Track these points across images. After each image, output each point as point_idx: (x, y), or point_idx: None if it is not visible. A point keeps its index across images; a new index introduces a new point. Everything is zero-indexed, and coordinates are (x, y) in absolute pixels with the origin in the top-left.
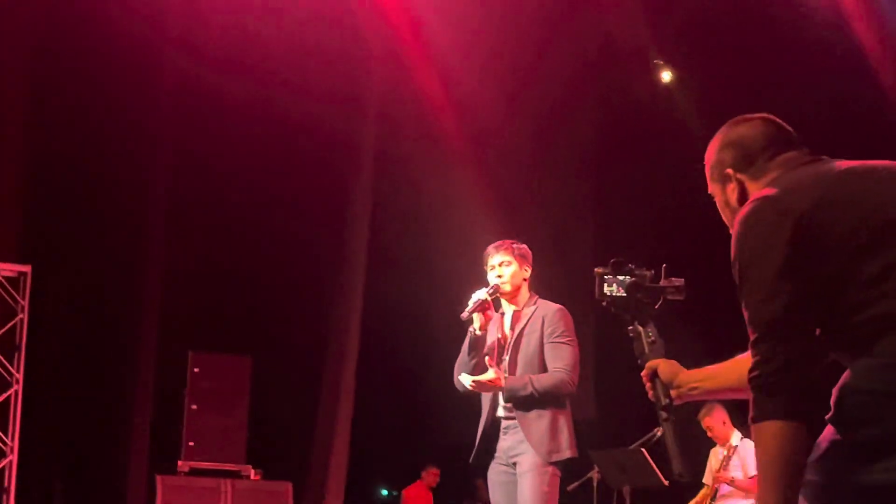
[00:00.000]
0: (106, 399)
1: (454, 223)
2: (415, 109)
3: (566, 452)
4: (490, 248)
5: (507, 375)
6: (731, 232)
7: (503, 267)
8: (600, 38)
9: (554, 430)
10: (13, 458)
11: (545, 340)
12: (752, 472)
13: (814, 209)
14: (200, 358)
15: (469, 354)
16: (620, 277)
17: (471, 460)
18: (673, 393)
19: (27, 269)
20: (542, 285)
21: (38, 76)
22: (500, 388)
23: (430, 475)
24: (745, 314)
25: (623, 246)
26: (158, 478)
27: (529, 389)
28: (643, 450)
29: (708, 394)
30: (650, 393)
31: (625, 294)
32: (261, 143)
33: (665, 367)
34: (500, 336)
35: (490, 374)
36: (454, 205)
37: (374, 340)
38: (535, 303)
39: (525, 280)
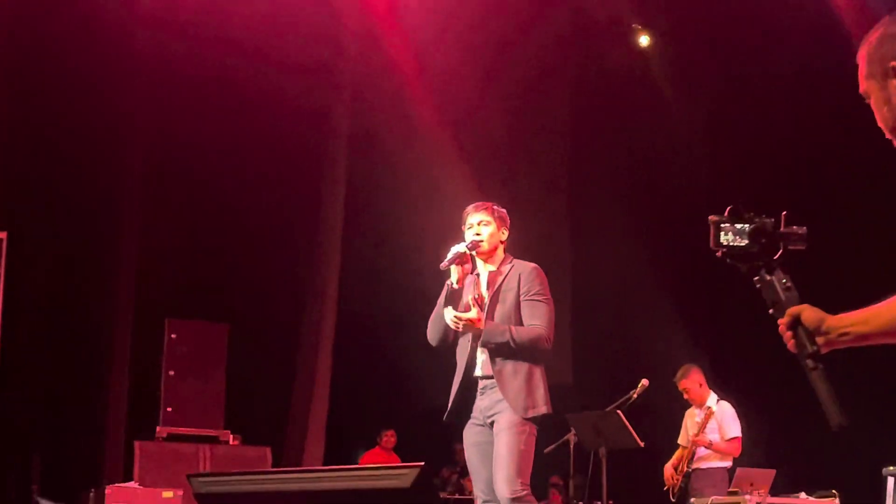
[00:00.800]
0: (83, 366)
1: (428, 194)
2: (389, 83)
3: (542, 408)
4: (469, 208)
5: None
6: (889, 134)
7: (482, 226)
8: (575, 7)
9: (530, 387)
10: None
11: (522, 298)
12: (729, 434)
13: None
14: (177, 325)
15: (444, 307)
16: (738, 226)
17: (444, 418)
18: (819, 340)
19: (3, 235)
20: (517, 256)
21: (14, 49)
22: (480, 330)
23: (387, 438)
24: None
25: (598, 216)
26: (137, 444)
27: (507, 337)
28: (619, 412)
29: (860, 339)
30: (791, 343)
31: (745, 242)
32: (236, 115)
33: (810, 312)
34: (475, 296)
35: (472, 314)
36: (428, 176)
37: (351, 306)
38: (511, 262)
39: (502, 242)
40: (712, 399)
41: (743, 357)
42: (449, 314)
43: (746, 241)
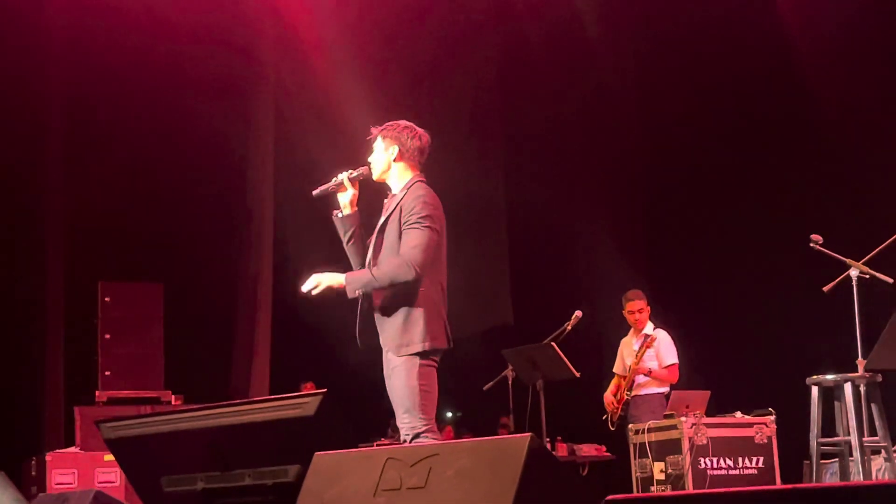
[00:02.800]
0: (16, 333)
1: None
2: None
3: (417, 346)
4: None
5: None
6: None
7: (372, 152)
8: None
9: (407, 324)
10: None
11: (402, 227)
12: (667, 361)
13: None
14: (111, 287)
15: (344, 240)
16: None
17: (359, 345)
18: None
19: None
20: (450, 203)
21: None
22: (341, 285)
23: (306, 390)
24: None
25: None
26: (76, 409)
27: (368, 277)
28: (553, 344)
29: None
30: None
31: None
32: (160, 70)
33: None
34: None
35: (323, 275)
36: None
37: (288, 257)
38: (406, 188)
39: (395, 161)
40: (649, 327)
41: (676, 282)
42: (306, 287)
43: None
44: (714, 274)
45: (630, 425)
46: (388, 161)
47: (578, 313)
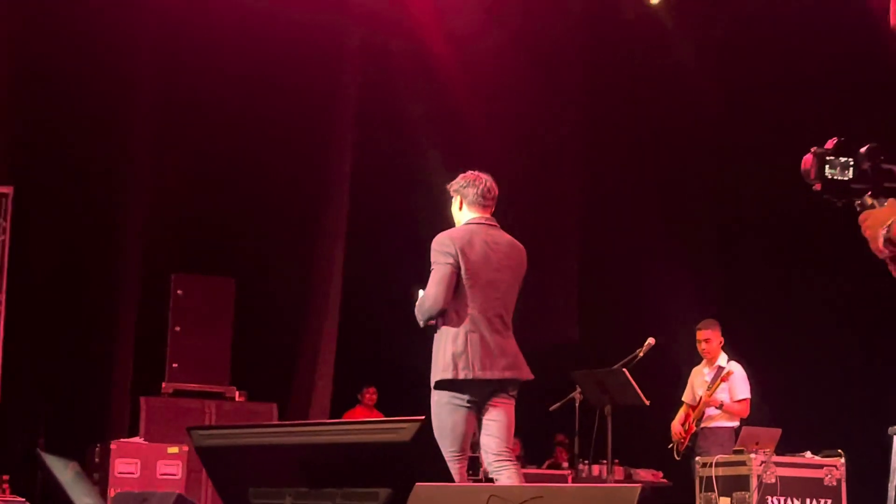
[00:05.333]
0: (89, 320)
1: (438, 142)
2: (399, 29)
3: (438, 374)
4: None
5: None
6: None
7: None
8: None
9: (435, 357)
10: None
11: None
12: (739, 395)
13: None
14: (183, 279)
15: None
16: (843, 159)
17: None
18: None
19: (9, 190)
20: (528, 210)
21: (23, 9)
22: None
23: (368, 395)
24: None
25: (609, 173)
26: (142, 399)
27: (416, 314)
28: (625, 369)
29: None
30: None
31: (850, 177)
32: (244, 70)
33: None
34: None
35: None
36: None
37: (359, 259)
38: None
39: (460, 209)
40: (723, 358)
41: (751, 317)
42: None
43: (851, 176)
44: (791, 310)
45: (697, 457)
46: (456, 212)
47: (651, 340)
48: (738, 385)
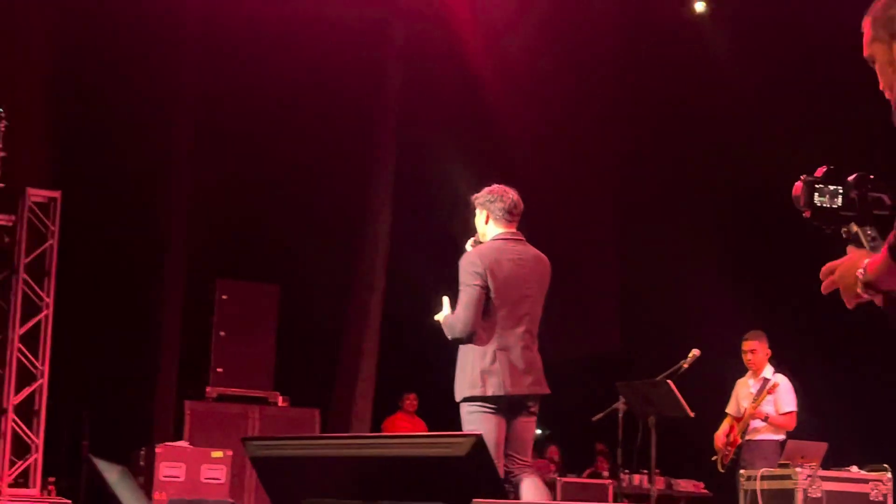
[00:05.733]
0: (135, 325)
1: (479, 150)
2: (440, 36)
3: (465, 391)
4: None
5: None
6: (890, 94)
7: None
8: None
9: (461, 374)
10: (43, 381)
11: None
12: (785, 408)
13: None
14: (228, 285)
15: None
16: (832, 187)
17: None
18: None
19: (57, 194)
20: (568, 219)
21: (68, 16)
22: None
23: (409, 402)
24: None
25: (648, 183)
26: (187, 403)
27: (444, 328)
28: (669, 381)
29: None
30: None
31: (839, 205)
32: (287, 73)
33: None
34: None
35: (440, 313)
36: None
37: (401, 267)
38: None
39: (486, 223)
40: (769, 370)
41: (797, 328)
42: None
43: (840, 204)
44: (837, 322)
45: (742, 470)
46: (482, 225)
47: (696, 352)
48: (783, 397)
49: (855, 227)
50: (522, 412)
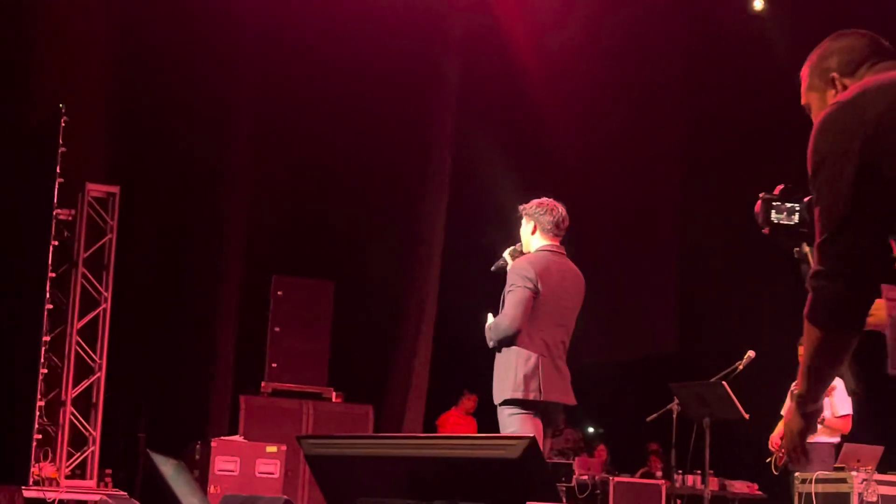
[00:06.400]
0: (192, 319)
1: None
2: (496, 39)
3: (508, 393)
4: None
5: None
6: None
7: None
8: None
9: (503, 375)
10: (101, 374)
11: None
12: (841, 411)
13: (888, 114)
14: (283, 281)
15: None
16: (789, 205)
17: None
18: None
19: (116, 189)
20: (626, 219)
21: (127, 14)
22: None
23: (468, 401)
24: (815, 216)
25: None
26: (242, 398)
27: (487, 335)
28: (724, 382)
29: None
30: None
31: (795, 222)
32: (343, 71)
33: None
34: None
35: (487, 322)
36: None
37: (455, 265)
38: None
39: (532, 234)
40: None
41: None
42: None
43: (796, 221)
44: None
45: (797, 473)
46: (529, 235)
47: (751, 353)
48: (839, 400)
49: (806, 248)
50: (550, 419)
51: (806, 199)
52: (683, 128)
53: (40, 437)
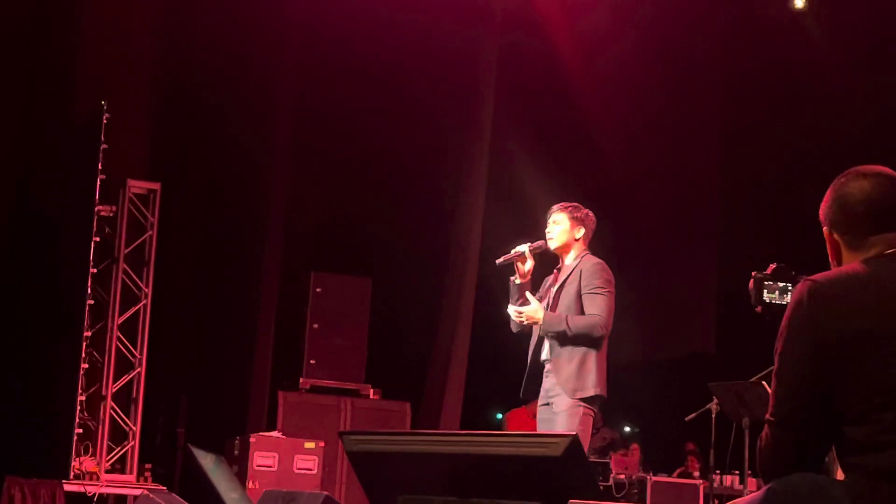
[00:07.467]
0: (230, 315)
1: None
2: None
3: (590, 391)
4: (553, 207)
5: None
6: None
7: (554, 225)
8: None
9: (582, 371)
10: (141, 370)
11: (582, 291)
12: None
13: (852, 338)
14: (322, 278)
15: (511, 302)
16: (781, 284)
17: (521, 395)
18: None
19: (157, 186)
20: (666, 218)
21: (168, 13)
22: (539, 321)
23: (535, 405)
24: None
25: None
26: (280, 394)
27: (563, 326)
28: (764, 382)
29: None
30: None
31: (786, 301)
32: (384, 65)
33: None
34: (548, 288)
35: (530, 308)
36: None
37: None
38: (580, 258)
39: (577, 240)
40: None
41: None
42: (511, 311)
43: (787, 301)
44: None
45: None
46: (572, 238)
47: None
48: None
49: None
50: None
51: (797, 275)
52: (719, 119)
53: (81, 431)
